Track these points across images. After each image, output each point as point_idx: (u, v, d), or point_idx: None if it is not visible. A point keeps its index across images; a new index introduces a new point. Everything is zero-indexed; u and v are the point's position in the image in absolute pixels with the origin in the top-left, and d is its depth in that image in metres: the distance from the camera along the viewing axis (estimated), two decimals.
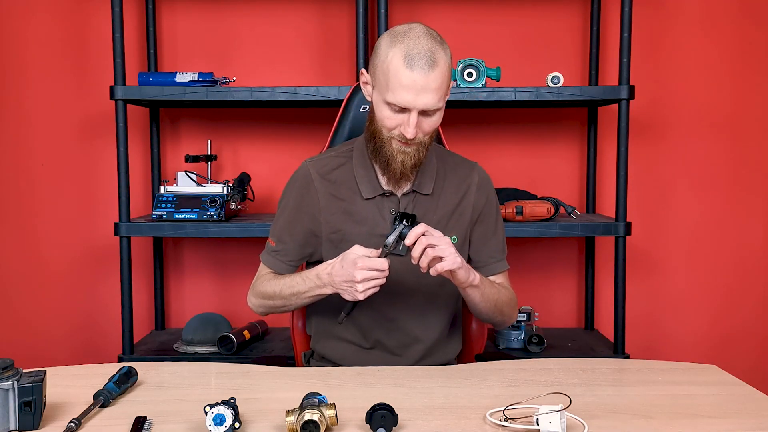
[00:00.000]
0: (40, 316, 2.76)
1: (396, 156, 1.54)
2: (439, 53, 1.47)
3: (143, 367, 1.45)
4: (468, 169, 1.71)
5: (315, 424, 1.11)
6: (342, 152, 1.69)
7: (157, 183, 2.66)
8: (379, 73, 1.51)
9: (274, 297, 1.65)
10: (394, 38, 1.49)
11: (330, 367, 1.66)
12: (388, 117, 1.51)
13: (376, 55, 1.53)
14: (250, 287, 1.72)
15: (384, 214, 1.62)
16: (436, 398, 1.32)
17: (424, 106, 1.47)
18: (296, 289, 1.60)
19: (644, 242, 2.77)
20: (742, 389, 1.39)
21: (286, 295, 1.62)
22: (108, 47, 2.39)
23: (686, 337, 2.82)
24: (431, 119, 1.51)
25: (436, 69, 1.46)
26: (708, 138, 2.76)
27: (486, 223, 1.71)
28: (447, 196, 1.67)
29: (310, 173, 1.66)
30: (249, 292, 1.73)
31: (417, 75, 1.45)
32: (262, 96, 2.34)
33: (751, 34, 2.73)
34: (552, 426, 1.12)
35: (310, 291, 1.57)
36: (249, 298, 1.73)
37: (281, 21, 2.70)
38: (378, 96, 1.53)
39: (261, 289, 1.68)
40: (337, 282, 1.50)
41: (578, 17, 2.72)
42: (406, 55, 1.46)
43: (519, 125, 2.75)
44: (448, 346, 1.73)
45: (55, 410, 1.23)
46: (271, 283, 1.66)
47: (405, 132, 1.49)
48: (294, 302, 1.63)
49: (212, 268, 2.78)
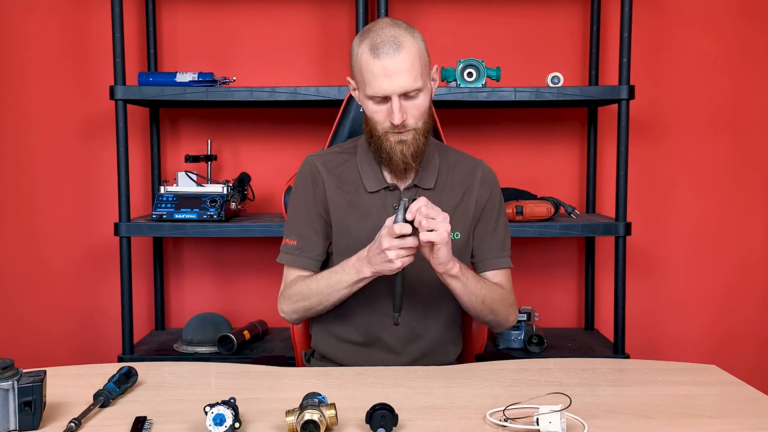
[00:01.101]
0: (40, 316, 2.76)
1: (395, 148, 1.56)
2: (404, 36, 1.52)
3: (143, 367, 1.45)
4: (472, 166, 1.72)
5: (315, 424, 1.11)
6: (346, 149, 1.71)
7: (157, 183, 2.66)
8: (356, 72, 1.57)
9: (309, 296, 1.62)
10: (361, 36, 1.56)
11: (330, 366, 1.66)
12: (375, 111, 1.55)
13: (351, 57, 1.59)
14: (279, 296, 1.69)
15: (388, 208, 1.63)
16: (436, 398, 1.32)
17: (401, 88, 1.50)
18: (334, 279, 1.57)
19: (644, 242, 2.77)
20: (742, 389, 1.39)
21: (323, 289, 1.59)
22: (108, 47, 2.39)
23: (686, 337, 2.82)
24: (416, 101, 1.54)
25: (402, 51, 1.50)
26: (708, 138, 2.76)
27: (487, 218, 1.71)
28: (450, 192, 1.67)
29: (316, 165, 1.68)
30: (279, 302, 1.69)
31: (385, 61, 1.50)
32: (262, 96, 2.34)
33: (751, 34, 2.73)
34: (552, 426, 1.12)
35: (350, 277, 1.55)
36: (280, 308, 1.69)
37: (281, 21, 2.70)
38: (361, 94, 1.58)
39: (293, 291, 1.64)
40: (372, 260, 1.49)
41: (578, 17, 2.72)
42: (371, 47, 1.51)
43: (519, 125, 2.75)
44: (448, 346, 1.73)
45: (55, 410, 1.23)
46: (304, 282, 1.63)
47: (392, 119, 1.52)
48: (333, 296, 1.59)
49: (212, 268, 2.78)
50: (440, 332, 1.69)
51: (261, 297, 2.75)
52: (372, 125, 1.58)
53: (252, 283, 2.77)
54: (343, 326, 1.67)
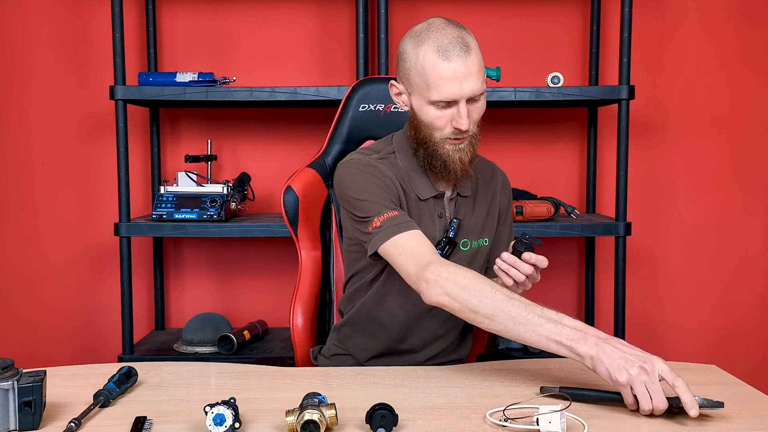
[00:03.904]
0: (40, 316, 2.76)
1: (453, 156, 1.49)
2: (468, 37, 1.46)
3: (143, 367, 1.45)
4: (491, 170, 1.71)
5: (315, 424, 1.11)
6: (384, 154, 1.59)
7: (157, 183, 2.66)
8: (414, 76, 1.47)
9: (492, 308, 1.31)
10: (417, 38, 1.47)
11: (331, 367, 1.66)
12: (437, 116, 1.47)
13: (404, 60, 1.49)
14: (437, 270, 1.35)
15: (434, 217, 1.58)
16: (436, 398, 1.32)
17: (471, 92, 1.44)
18: (537, 319, 1.28)
19: (644, 242, 2.77)
20: (742, 389, 1.38)
21: (519, 319, 1.29)
22: (108, 47, 2.39)
23: (686, 337, 2.82)
24: (478, 105, 1.48)
25: (472, 53, 1.44)
26: (708, 138, 2.76)
27: (505, 225, 1.72)
28: (481, 197, 1.65)
29: (373, 162, 1.54)
30: (439, 277, 1.34)
31: (456, 64, 1.42)
32: (262, 96, 2.34)
33: (751, 34, 2.73)
34: (552, 426, 1.12)
35: (561, 334, 1.26)
36: (440, 284, 1.34)
37: (281, 21, 2.70)
38: (419, 100, 1.48)
39: (475, 284, 1.33)
40: (617, 357, 1.21)
41: (578, 17, 2.72)
42: (438, 49, 1.43)
43: (519, 125, 2.75)
44: (463, 343, 1.73)
45: (55, 410, 1.23)
46: (497, 291, 1.33)
47: (459, 125, 1.45)
48: (514, 331, 1.30)
49: (212, 268, 2.78)
50: (458, 331, 1.69)
51: (261, 297, 2.76)
52: (427, 132, 1.49)
53: (252, 283, 2.77)
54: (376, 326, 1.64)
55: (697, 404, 1.17)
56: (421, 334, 1.64)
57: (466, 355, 1.76)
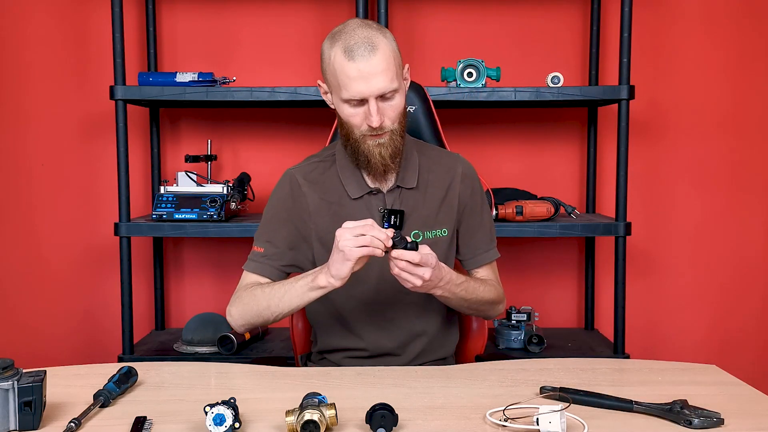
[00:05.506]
0: (40, 316, 2.76)
1: (373, 151, 1.55)
2: (377, 38, 1.50)
3: (143, 367, 1.45)
4: (452, 161, 1.71)
5: (315, 424, 1.11)
6: (325, 157, 1.69)
7: (157, 183, 2.66)
8: (329, 75, 1.54)
9: (260, 300, 1.58)
10: (332, 38, 1.53)
11: (330, 367, 1.66)
12: (352, 114, 1.53)
13: (322, 60, 1.56)
14: (232, 300, 1.65)
15: (373, 212, 1.62)
16: (436, 398, 1.32)
17: (378, 90, 1.49)
18: (288, 286, 1.54)
19: (644, 242, 2.77)
20: (742, 389, 1.39)
21: (276, 293, 1.55)
22: (108, 47, 2.39)
23: (686, 337, 2.82)
24: (392, 102, 1.53)
25: (377, 52, 1.48)
26: (708, 138, 2.76)
27: (472, 215, 1.71)
28: (433, 189, 1.67)
29: (296, 179, 1.67)
30: (230, 305, 1.64)
31: (361, 64, 1.47)
32: (262, 96, 2.34)
33: (751, 34, 2.73)
34: (552, 426, 1.12)
35: (304, 283, 1.51)
36: (229, 311, 1.64)
37: (281, 21, 2.70)
38: (336, 98, 1.55)
39: (246, 294, 1.61)
40: (330, 266, 1.45)
41: (578, 17, 2.72)
42: (345, 49, 1.49)
43: (519, 125, 2.75)
44: (447, 338, 1.74)
45: (55, 410, 1.23)
46: (260, 287, 1.60)
47: (370, 122, 1.51)
48: (282, 304, 1.54)
49: (212, 268, 2.78)
50: (438, 326, 1.70)
51: None
52: (348, 129, 1.55)
53: None
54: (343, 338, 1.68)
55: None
56: (397, 335, 1.65)
57: (452, 350, 1.76)
